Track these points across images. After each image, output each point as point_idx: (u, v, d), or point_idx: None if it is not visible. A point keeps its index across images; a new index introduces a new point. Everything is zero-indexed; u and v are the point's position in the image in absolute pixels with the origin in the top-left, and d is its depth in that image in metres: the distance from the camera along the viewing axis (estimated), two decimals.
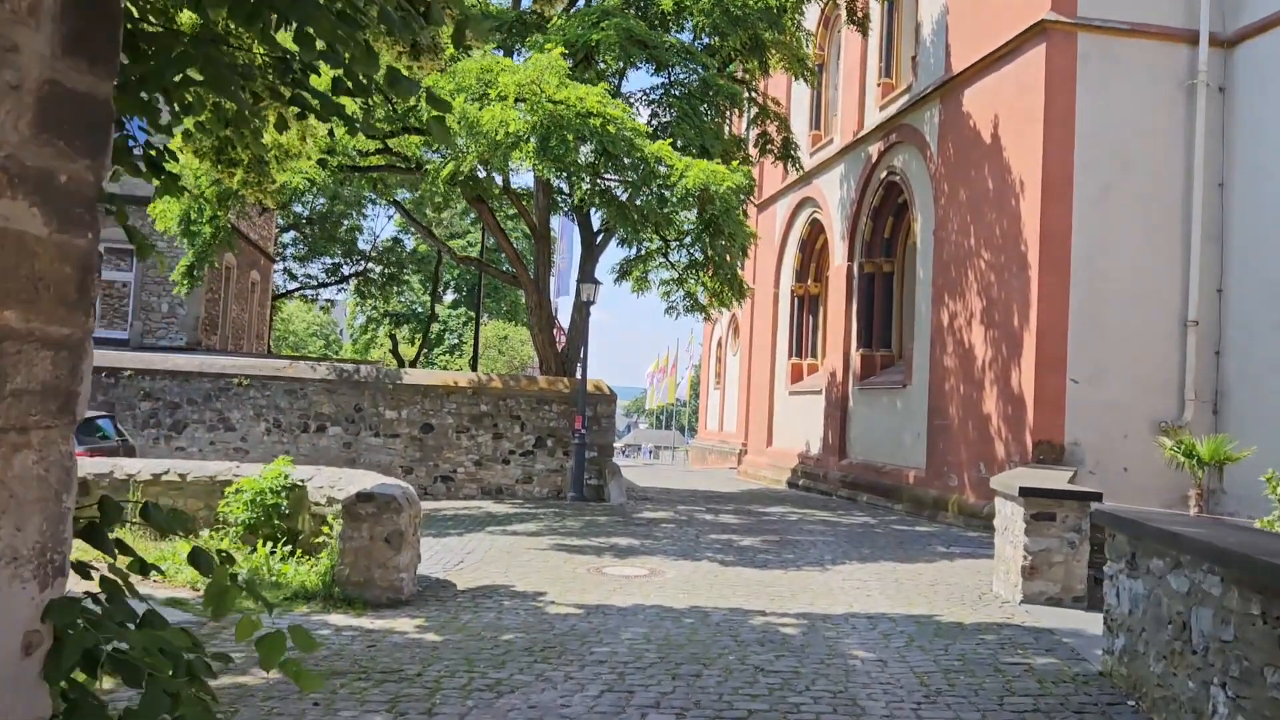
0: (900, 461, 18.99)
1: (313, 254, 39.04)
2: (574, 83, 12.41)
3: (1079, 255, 14.76)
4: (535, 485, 17.91)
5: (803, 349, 25.63)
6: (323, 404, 17.85)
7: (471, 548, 11.47)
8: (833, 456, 22.01)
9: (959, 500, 16.36)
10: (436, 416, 17.88)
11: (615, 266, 23.63)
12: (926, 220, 18.55)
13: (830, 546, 12.63)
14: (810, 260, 25.44)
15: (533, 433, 17.96)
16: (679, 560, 10.99)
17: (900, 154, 19.86)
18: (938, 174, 18.05)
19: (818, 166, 24.13)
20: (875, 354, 21.13)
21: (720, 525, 14.68)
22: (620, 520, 14.80)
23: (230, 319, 26.27)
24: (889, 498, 18.87)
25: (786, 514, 16.99)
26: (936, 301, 17.80)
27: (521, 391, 18.02)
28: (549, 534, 12.89)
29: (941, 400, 17.39)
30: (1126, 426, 14.71)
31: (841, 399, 21.84)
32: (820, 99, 25.17)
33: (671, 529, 13.90)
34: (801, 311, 25.72)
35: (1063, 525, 7.98)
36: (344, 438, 17.80)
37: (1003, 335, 15.58)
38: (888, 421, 19.81)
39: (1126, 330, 14.76)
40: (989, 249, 16.17)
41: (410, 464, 17.80)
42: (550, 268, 19.23)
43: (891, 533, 14.65)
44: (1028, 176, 15.18)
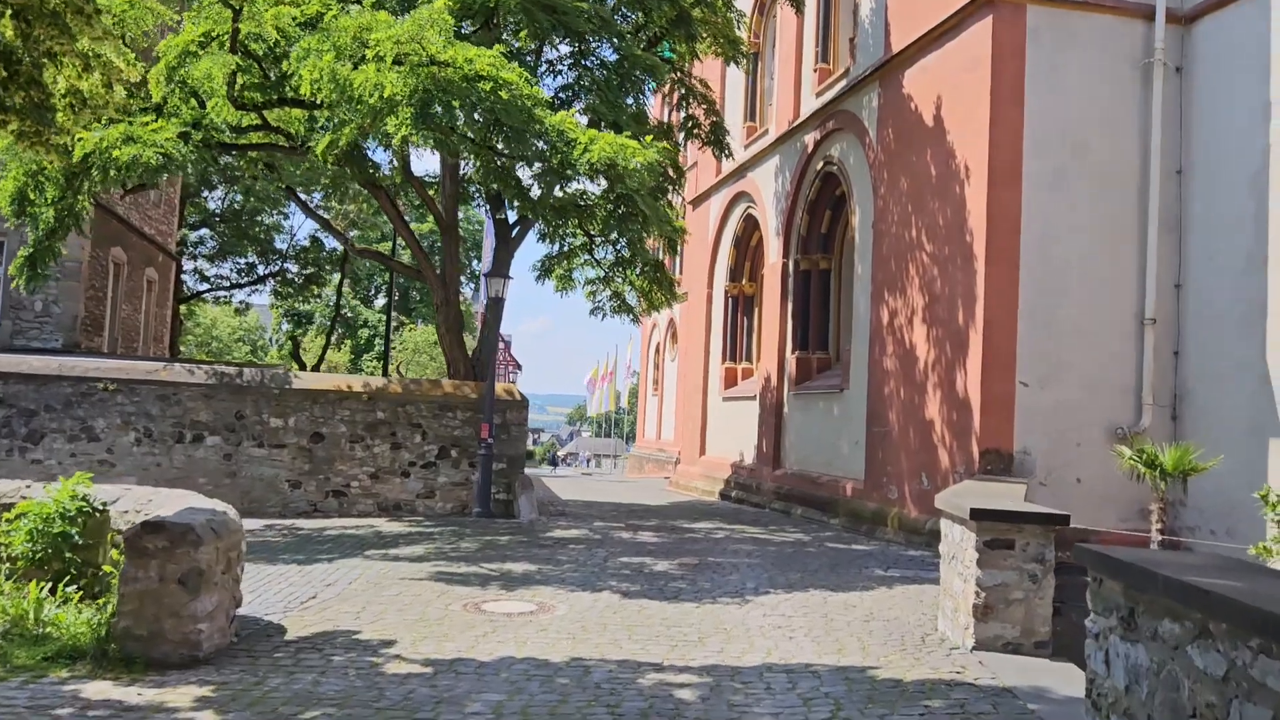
0: (837, 472, 17.62)
1: (224, 253, 36.82)
2: (463, 43, 10.82)
3: (1029, 246, 13.49)
4: (438, 500, 16.21)
5: (737, 352, 24.23)
6: (200, 411, 15.99)
7: (335, 578, 9.79)
8: (767, 467, 20.60)
9: (900, 514, 15.01)
10: (328, 424, 16.11)
11: (536, 264, 22.12)
12: (865, 212, 17.22)
13: (755, 571, 11.15)
14: (745, 258, 24.05)
15: (435, 442, 16.27)
16: (577, 591, 9.42)
17: (838, 143, 18.54)
18: (877, 162, 16.74)
19: (752, 159, 22.77)
20: (812, 357, 19.77)
21: (636, 546, 13.14)
22: (524, 541, 13.19)
23: (120, 320, 24.16)
24: (825, 511, 17.49)
25: (713, 531, 15.50)
26: (876, 299, 16.46)
27: (423, 397, 16.32)
28: (436, 559, 11.25)
29: (881, 405, 16.05)
30: (1080, 433, 13.46)
31: (776, 405, 20.45)
32: (756, 89, 23.83)
33: (579, 551, 12.33)
34: (736, 313, 24.32)
35: (1023, 555, 6.57)
36: (223, 448, 15.95)
37: (947, 334, 14.27)
38: (824, 429, 18.45)
39: (1080, 328, 13.53)
40: (932, 241, 14.86)
41: (298, 477, 16.00)
42: (456, 262, 17.57)
43: (825, 552, 13.23)
44: (973, 161, 13.90)
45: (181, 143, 12.48)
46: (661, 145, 12.45)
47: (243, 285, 37.38)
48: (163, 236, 27.77)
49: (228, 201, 36.45)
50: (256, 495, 15.94)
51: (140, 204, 25.37)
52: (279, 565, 10.59)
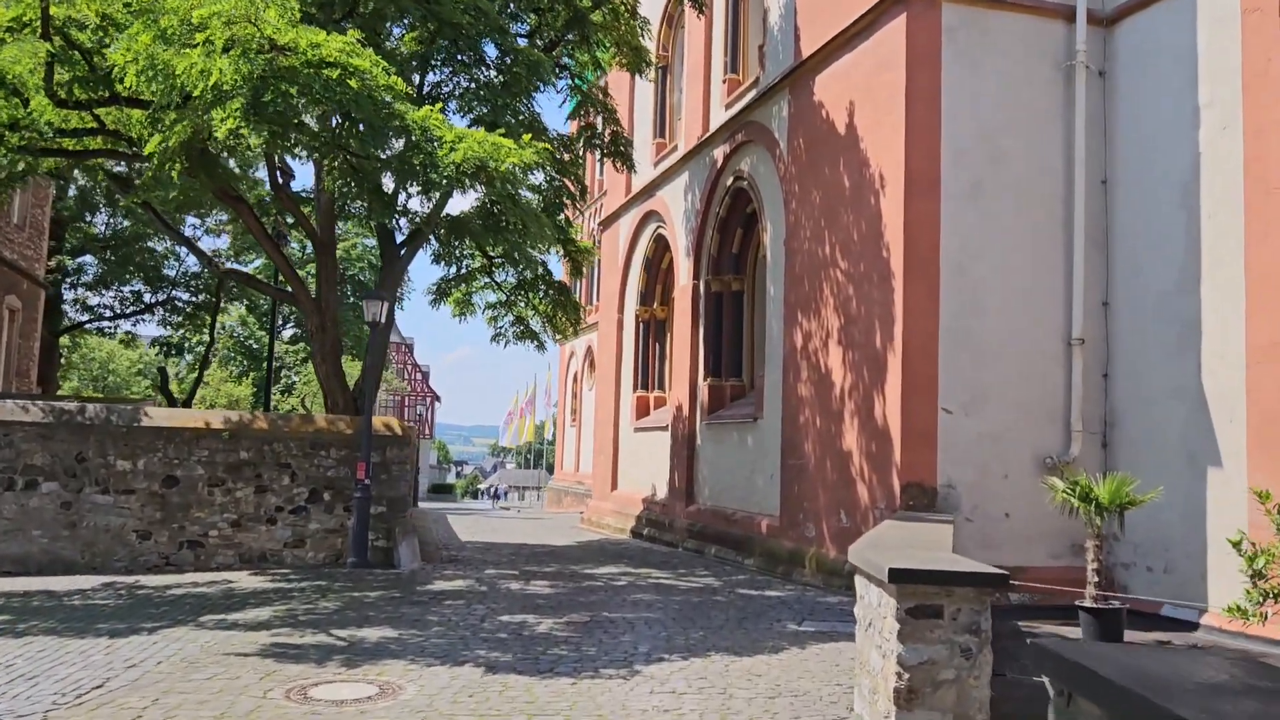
0: (752, 508, 16.38)
1: (107, 281, 34.40)
2: (310, 27, 9.39)
3: (949, 261, 12.46)
4: (309, 550, 14.53)
5: (649, 380, 22.95)
6: (34, 453, 14.09)
7: (145, 656, 8.16)
8: (679, 502, 19.30)
9: (818, 555, 13.80)
10: (183, 466, 14.34)
11: (430, 287, 20.67)
12: (777, 229, 16.12)
13: (652, 629, 9.77)
14: (656, 281, 22.84)
15: (306, 484, 14.60)
16: (434, 665, 7.94)
17: (748, 156, 17.46)
18: (788, 175, 15.66)
19: (661, 176, 21.63)
20: (725, 384, 18.58)
21: (523, 599, 11.67)
22: (396, 597, 11.63)
23: None
24: (740, 550, 16.21)
25: (616, 576, 14.10)
26: (789, 321, 15.33)
27: (292, 434, 14.65)
28: (281, 625, 9.64)
29: (796, 436, 14.87)
30: (1007, 463, 12.42)
31: (688, 436, 19.19)
32: (665, 104, 22.74)
33: (455, 609, 10.82)
34: (648, 338, 23.07)
35: (953, 625, 5.32)
36: (62, 496, 14.07)
37: (864, 357, 13.16)
38: (738, 461, 17.21)
39: (1004, 349, 12.51)
40: (846, 257, 13.78)
41: (148, 527, 14.18)
42: (334, 285, 15.97)
43: (736, 600, 11.92)
44: (888, 169, 12.86)
45: None
46: (541, 146, 11.11)
47: (128, 315, 34.98)
48: (28, 262, 25.56)
49: (111, 227, 34.14)
50: (101, 548, 14.08)
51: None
52: (87, 639, 8.91)
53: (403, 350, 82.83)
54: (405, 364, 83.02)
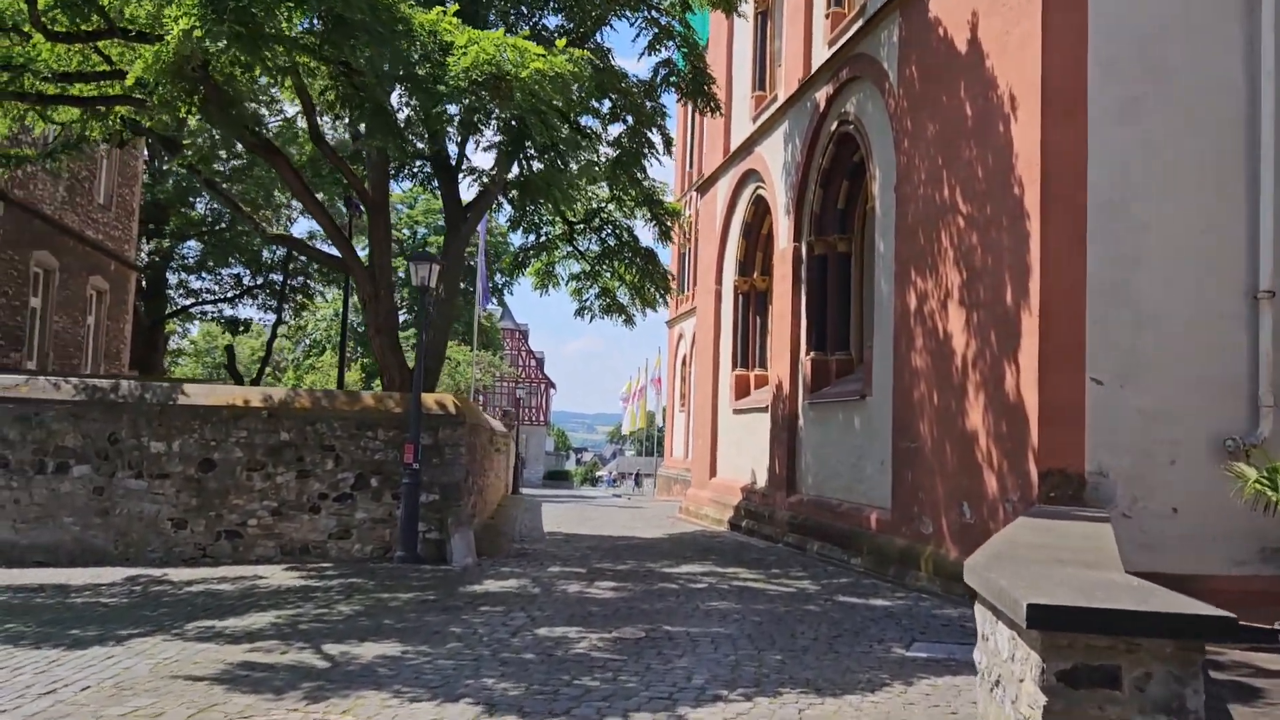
0: (860, 499, 14.21)
1: (206, 265, 34.17)
2: None
3: (1099, 199, 10.06)
4: (354, 541, 13.06)
5: (749, 357, 20.88)
6: (65, 434, 13.01)
7: (74, 679, 6.66)
8: (780, 491, 17.21)
9: (934, 556, 11.59)
10: (220, 449, 13.05)
11: (507, 257, 19.08)
12: (886, 175, 13.88)
13: (717, 650, 7.82)
14: (756, 248, 20.72)
15: (352, 468, 13.12)
16: (421, 700, 6.18)
17: (853, 95, 15.21)
18: (898, 110, 13.39)
19: (760, 130, 19.51)
20: (829, 358, 16.37)
21: (576, 605, 9.87)
22: (430, 600, 9.98)
23: (50, 333, 21.44)
24: (846, 547, 14.07)
25: (696, 577, 12.18)
26: (901, 281, 13.09)
27: (336, 413, 13.19)
28: (269, 636, 8.07)
29: (909, 415, 12.65)
30: (1175, 446, 9.95)
31: (790, 417, 17.07)
32: (765, 53, 20.56)
33: (491, 616, 9.09)
34: (747, 311, 20.98)
35: (1139, 699, 3.24)
36: (94, 480, 12.95)
37: (990, 319, 10.87)
38: (844, 446, 15.04)
39: (1171, 307, 10.04)
40: (968, 199, 11.48)
41: (183, 515, 12.94)
42: (388, 250, 14.46)
43: (831, 611, 9.85)
44: (1020, 89, 10.53)
45: None
46: (579, 54, 9.22)
47: (229, 298, 34.73)
48: (115, 243, 25.09)
49: (211, 210, 33.82)
50: (135, 538, 12.91)
51: (79, 205, 22.70)
52: (39, 650, 7.50)
53: (516, 336, 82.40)
54: (519, 350, 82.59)
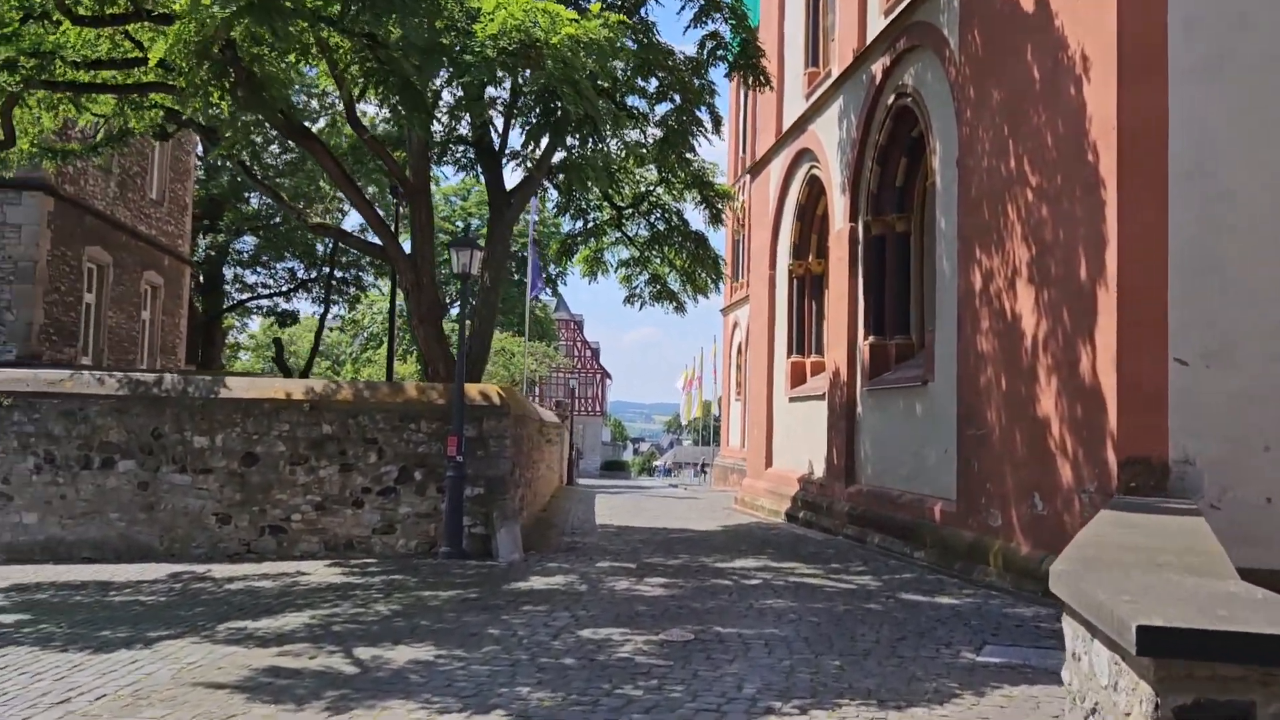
0: (922, 489, 13.56)
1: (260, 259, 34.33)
2: None
3: (1181, 164, 9.32)
4: (399, 537, 12.74)
5: (805, 343, 20.22)
6: (110, 429, 12.87)
7: (91, 686, 6.36)
8: (838, 482, 16.59)
9: (1004, 549, 10.92)
10: (263, 442, 12.81)
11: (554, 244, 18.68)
12: (947, 148, 13.17)
13: (772, 654, 7.30)
14: (810, 230, 20.05)
15: (395, 462, 12.80)
16: (450, 712, 5.77)
17: (911, 66, 14.50)
18: (960, 78, 12.67)
19: (813, 108, 18.83)
20: (889, 343, 15.70)
21: (623, 603, 9.40)
22: (471, 599, 9.59)
23: (105, 328, 21.53)
24: (908, 540, 13.43)
25: (751, 573, 11.65)
26: (964, 259, 12.39)
27: (379, 405, 12.87)
28: (300, 639, 7.73)
29: (975, 400, 11.97)
30: (1268, 431, 9.20)
31: (848, 405, 16.43)
32: (818, 28, 19.84)
33: (534, 616, 8.66)
34: (802, 296, 20.33)
35: None
36: (139, 475, 12.80)
37: (1063, 296, 10.17)
38: (905, 433, 14.38)
39: (1264, 280, 9.27)
40: (1037, 169, 10.76)
41: (228, 510, 12.74)
42: (430, 237, 14.11)
43: (894, 610, 9.26)
44: (1094, 47, 9.79)
45: (4, 72, 9.27)
46: (615, 19, 8.69)
47: (284, 292, 34.87)
48: (168, 238, 25.19)
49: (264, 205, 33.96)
50: (180, 533, 12.75)
51: (131, 200, 22.77)
52: (65, 654, 7.24)
53: (571, 327, 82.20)
54: (574, 341, 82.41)
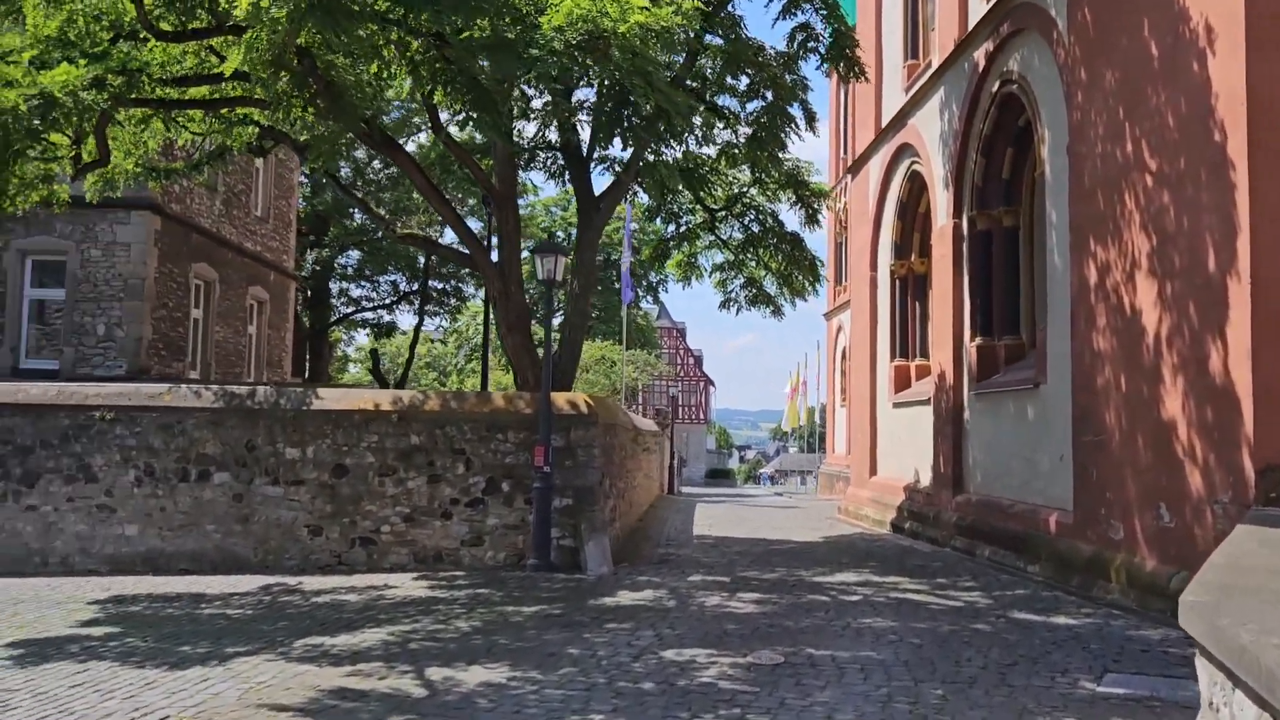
0: (1035, 498, 12.73)
1: (364, 273, 34.95)
2: None
3: None
4: (487, 549, 12.53)
5: (909, 347, 19.43)
6: (206, 442, 13.02)
7: (159, 705, 6.21)
8: (945, 491, 15.79)
9: (1127, 564, 10.09)
10: (352, 454, 12.77)
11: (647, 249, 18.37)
12: (1057, 134, 12.36)
13: (868, 680, 6.75)
14: (912, 228, 19.26)
15: (482, 472, 12.61)
16: None
17: (1016, 51, 13.70)
18: (1069, 60, 11.86)
19: (913, 101, 18.07)
20: (997, 344, 14.86)
21: (712, 621, 8.94)
22: (555, 615, 9.26)
23: (212, 343, 22.09)
24: (1020, 552, 12.62)
25: (850, 588, 11.05)
26: (1078, 252, 11.57)
27: (466, 415, 12.69)
28: (374, 657, 7.51)
29: (1092, 403, 11.14)
30: None
31: (954, 410, 15.63)
32: (916, 19, 19.08)
33: (617, 635, 8.28)
34: (905, 297, 19.54)
35: None
36: (233, 487, 12.90)
37: (1188, 289, 9.33)
38: (1016, 439, 13.56)
39: None
40: (1157, 152, 9.93)
41: (319, 521, 12.73)
42: (517, 245, 13.90)
43: (1005, 631, 8.57)
44: (1218, 17, 8.96)
45: (94, 90, 9.38)
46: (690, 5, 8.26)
47: (387, 305, 35.44)
48: (273, 254, 25.77)
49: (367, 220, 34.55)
50: (273, 545, 12.79)
51: (236, 217, 23.34)
52: (142, 670, 7.17)
53: (674, 335, 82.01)
54: (676, 349, 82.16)
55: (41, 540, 12.99)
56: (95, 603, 10.44)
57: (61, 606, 10.26)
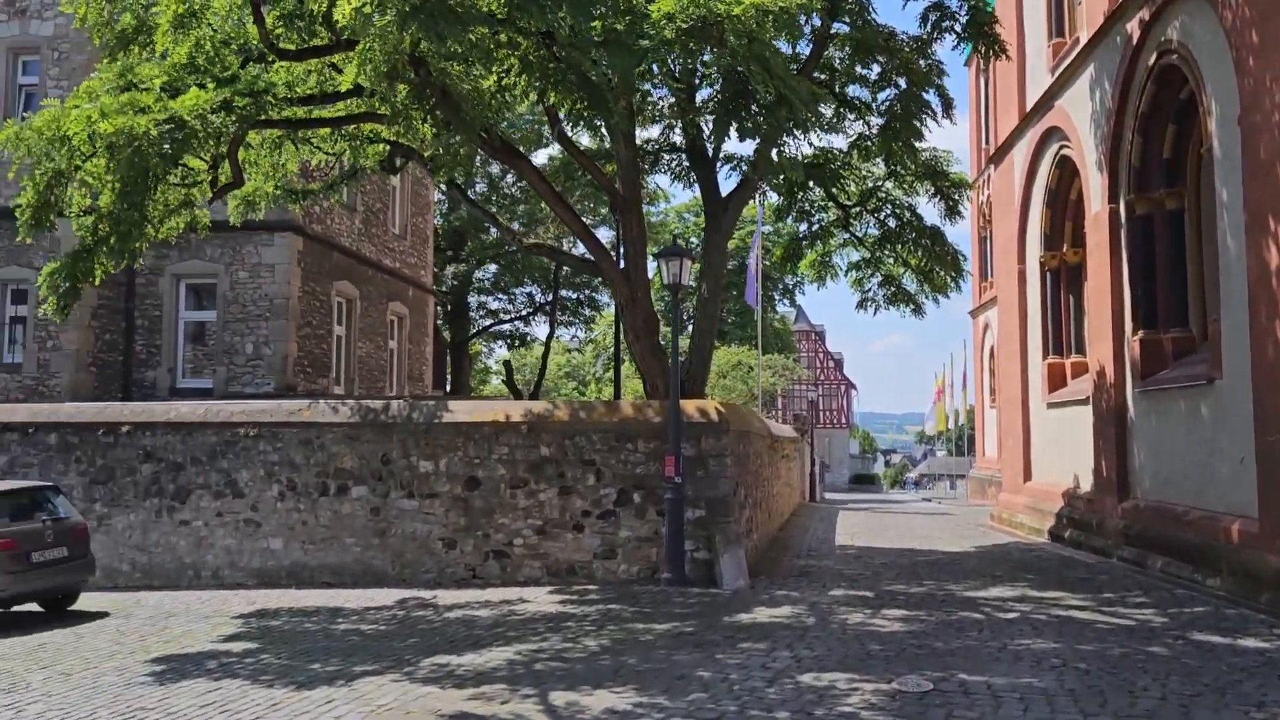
0: (1213, 505, 11.61)
1: (500, 286, 35.43)
2: None
3: None
4: (620, 561, 12.24)
5: (1062, 343, 18.23)
6: (344, 456, 13.20)
7: None
8: (1109, 497, 14.67)
9: None
10: (484, 466, 12.71)
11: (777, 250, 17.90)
12: (1226, 106, 11.26)
13: (1027, 715, 6.10)
14: (1062, 216, 18.07)
15: (613, 484, 12.33)
16: None
17: (1174, 17, 12.60)
18: (1237, 23, 10.78)
19: (1059, 82, 16.97)
20: (1163, 337, 13.69)
21: (854, 641, 8.38)
22: (687, 633, 8.87)
23: (355, 358, 22.64)
24: (1197, 564, 11.53)
25: (1007, 604, 10.27)
26: (1255, 233, 10.48)
27: (595, 425, 12.45)
28: (498, 678, 7.28)
29: (1277, 401, 10.04)
30: None
31: (1116, 409, 14.51)
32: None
33: (750, 656, 7.83)
34: (1057, 291, 18.36)
35: None
36: (370, 500, 13.03)
37: None
38: (1188, 441, 12.42)
39: None
40: None
41: (453, 534, 12.72)
42: (643, 250, 13.58)
43: (1184, 657, 7.72)
44: None
45: (222, 113, 9.55)
46: None
47: (523, 316, 35.86)
48: (411, 270, 26.32)
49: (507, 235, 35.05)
50: (409, 559, 12.85)
51: (375, 235, 23.91)
52: (272, 689, 7.16)
53: (812, 338, 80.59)
54: (815, 353, 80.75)
55: (194, 554, 13.42)
56: (239, 617, 10.65)
57: (208, 620, 10.50)
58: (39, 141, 9.48)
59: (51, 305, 10.32)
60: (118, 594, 12.81)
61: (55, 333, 18.73)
